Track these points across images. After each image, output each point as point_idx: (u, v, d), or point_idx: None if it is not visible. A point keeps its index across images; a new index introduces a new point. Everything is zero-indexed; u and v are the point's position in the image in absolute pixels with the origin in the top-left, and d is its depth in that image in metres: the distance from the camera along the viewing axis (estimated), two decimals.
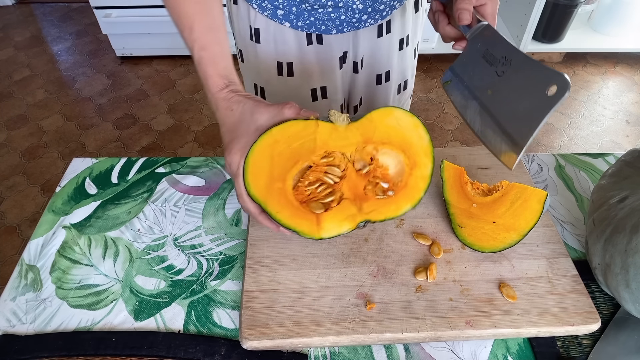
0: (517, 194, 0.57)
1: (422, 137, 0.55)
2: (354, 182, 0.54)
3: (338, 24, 0.70)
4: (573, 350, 0.52)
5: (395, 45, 0.79)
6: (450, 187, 0.63)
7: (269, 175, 0.50)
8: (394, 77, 0.84)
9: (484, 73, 0.56)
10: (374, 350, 0.52)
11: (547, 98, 0.48)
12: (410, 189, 0.55)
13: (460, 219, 0.60)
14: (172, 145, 1.95)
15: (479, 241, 0.58)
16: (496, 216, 0.58)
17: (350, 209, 0.52)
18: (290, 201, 0.51)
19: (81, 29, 2.69)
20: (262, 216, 0.52)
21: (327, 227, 0.51)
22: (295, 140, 0.51)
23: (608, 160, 0.75)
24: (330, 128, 0.52)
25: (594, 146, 1.93)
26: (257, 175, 0.49)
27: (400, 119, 0.55)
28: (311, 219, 0.50)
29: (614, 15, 2.24)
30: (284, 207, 0.50)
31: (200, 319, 0.55)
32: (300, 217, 0.50)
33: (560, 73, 0.48)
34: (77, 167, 0.74)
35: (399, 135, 0.55)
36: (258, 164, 0.49)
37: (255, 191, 0.49)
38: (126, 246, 0.63)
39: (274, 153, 0.50)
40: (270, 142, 0.50)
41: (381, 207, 0.53)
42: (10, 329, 0.54)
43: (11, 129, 2.02)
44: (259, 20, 0.71)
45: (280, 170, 0.51)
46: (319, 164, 0.53)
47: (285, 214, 0.50)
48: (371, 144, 0.54)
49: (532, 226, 0.55)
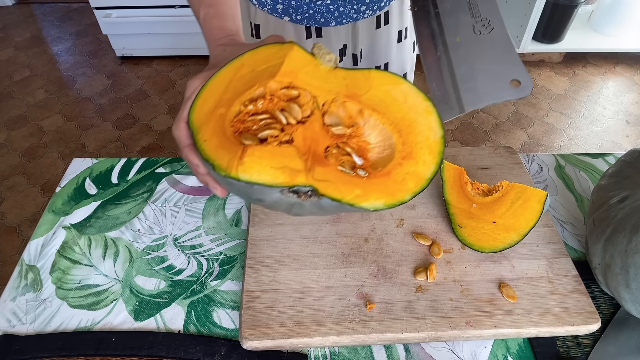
0: (517, 194, 0.57)
1: (433, 129, 0.41)
2: (316, 134, 0.40)
3: (337, 15, 0.70)
4: (573, 351, 0.52)
5: (393, 37, 0.80)
6: (450, 187, 0.63)
7: (217, 101, 0.39)
8: (392, 69, 0.85)
9: (461, 19, 0.54)
10: (374, 351, 0.52)
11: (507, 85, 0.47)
12: (392, 182, 0.39)
13: (461, 219, 0.60)
14: (172, 145, 1.95)
15: (479, 241, 0.58)
16: (496, 216, 0.58)
17: (294, 160, 0.37)
18: (223, 129, 0.38)
19: (81, 29, 2.69)
20: (189, 149, 0.42)
21: (250, 165, 0.35)
22: (262, 64, 0.41)
23: (608, 160, 0.75)
24: (307, 60, 0.41)
25: (594, 146, 1.93)
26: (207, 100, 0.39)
27: (409, 96, 0.41)
28: (234, 152, 0.36)
29: (614, 15, 2.24)
30: (214, 136, 0.38)
31: (200, 319, 0.55)
32: (223, 148, 0.37)
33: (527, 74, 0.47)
34: (77, 167, 0.74)
35: (399, 111, 0.41)
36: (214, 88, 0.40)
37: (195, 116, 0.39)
38: (126, 246, 0.63)
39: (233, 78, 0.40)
40: (237, 66, 0.41)
41: (339, 183, 0.38)
42: (10, 329, 0.54)
43: (11, 129, 2.02)
44: (259, 16, 0.72)
45: (230, 95, 0.40)
46: (276, 95, 0.41)
47: (211, 143, 0.37)
48: (356, 103, 0.41)
49: (532, 226, 0.55)
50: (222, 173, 0.36)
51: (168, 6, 2.16)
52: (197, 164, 0.42)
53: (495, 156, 0.72)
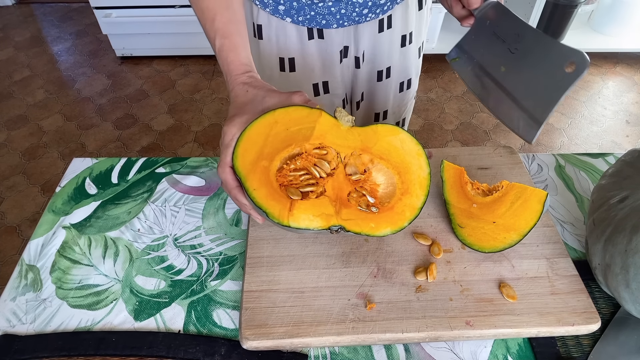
0: (517, 194, 0.57)
1: (422, 168, 0.53)
2: (340, 184, 0.52)
3: (338, 17, 0.70)
4: (573, 350, 0.52)
5: (396, 41, 0.79)
6: (450, 187, 0.63)
7: (259, 152, 0.49)
8: (394, 74, 0.84)
9: (496, 50, 0.56)
10: (374, 351, 0.52)
11: (565, 74, 0.50)
12: (395, 214, 0.52)
13: (460, 219, 0.60)
14: (172, 145, 1.95)
15: (479, 241, 0.58)
16: (496, 216, 0.58)
17: (328, 207, 0.49)
18: (270, 181, 0.49)
19: (81, 29, 2.69)
20: (237, 190, 0.50)
21: (298, 215, 0.47)
22: (295, 124, 0.50)
23: (608, 160, 0.75)
24: (332, 123, 0.52)
25: (594, 146, 1.93)
26: (248, 150, 0.49)
27: (405, 142, 0.53)
28: (285, 204, 0.48)
29: (614, 15, 2.24)
30: (262, 186, 0.48)
31: (200, 319, 0.55)
32: (274, 199, 0.47)
33: (577, 50, 0.48)
34: (77, 167, 0.74)
35: (398, 157, 0.53)
36: (252, 139, 0.49)
37: (240, 164, 0.48)
38: (126, 246, 0.63)
39: (270, 132, 0.49)
40: (271, 121, 0.49)
41: (359, 219, 0.51)
42: (10, 329, 0.54)
43: (11, 129, 2.02)
44: (261, 17, 0.73)
45: (270, 150, 0.50)
46: (310, 153, 0.52)
47: (261, 192, 0.47)
48: (368, 154, 0.53)
49: (532, 226, 0.55)
50: (275, 221, 0.47)
51: (168, 6, 2.16)
52: (245, 203, 0.51)
53: (495, 156, 0.72)
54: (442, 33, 2.25)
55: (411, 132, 2.01)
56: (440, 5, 2.05)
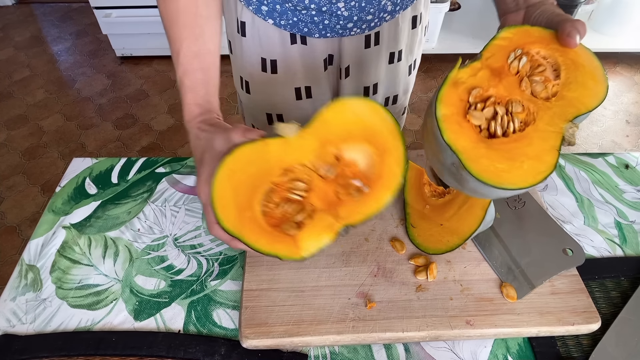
0: (465, 199, 0.57)
1: (385, 119, 0.50)
2: (323, 190, 0.50)
3: (321, 28, 0.68)
4: (573, 350, 0.52)
5: (384, 58, 0.77)
6: (410, 187, 0.64)
7: (236, 206, 0.48)
8: (381, 89, 0.82)
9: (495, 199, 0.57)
10: (374, 350, 0.52)
11: (562, 255, 0.56)
12: (386, 178, 0.49)
13: (414, 219, 0.61)
14: (172, 145, 1.95)
15: (426, 242, 0.58)
16: (444, 219, 0.58)
17: (326, 219, 0.48)
18: (263, 228, 0.48)
19: (81, 29, 2.69)
20: (235, 242, 0.50)
21: (305, 245, 0.47)
22: (250, 166, 0.48)
23: (608, 160, 0.75)
24: (280, 143, 0.49)
25: (594, 146, 1.93)
26: (225, 208, 0.47)
27: (356, 108, 0.50)
28: (288, 242, 0.47)
29: (614, 15, 2.24)
30: (260, 236, 0.48)
31: (200, 319, 0.55)
32: (277, 242, 0.47)
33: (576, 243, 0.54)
34: (77, 167, 0.74)
35: (359, 126, 0.50)
36: (223, 197, 0.47)
37: (229, 225, 0.47)
38: (126, 246, 0.63)
39: (234, 184, 0.48)
40: (228, 173, 0.48)
41: (359, 207, 0.49)
42: (10, 329, 0.54)
43: (11, 129, 2.02)
44: (245, 14, 0.70)
45: (244, 199, 0.48)
46: (280, 183, 0.50)
47: (262, 242, 0.47)
48: (330, 145, 0.50)
49: (473, 232, 0.54)
50: (289, 260, 0.48)
51: None
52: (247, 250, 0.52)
53: None
54: (442, 33, 2.25)
55: (411, 133, 2.01)
56: (440, 5, 2.05)
